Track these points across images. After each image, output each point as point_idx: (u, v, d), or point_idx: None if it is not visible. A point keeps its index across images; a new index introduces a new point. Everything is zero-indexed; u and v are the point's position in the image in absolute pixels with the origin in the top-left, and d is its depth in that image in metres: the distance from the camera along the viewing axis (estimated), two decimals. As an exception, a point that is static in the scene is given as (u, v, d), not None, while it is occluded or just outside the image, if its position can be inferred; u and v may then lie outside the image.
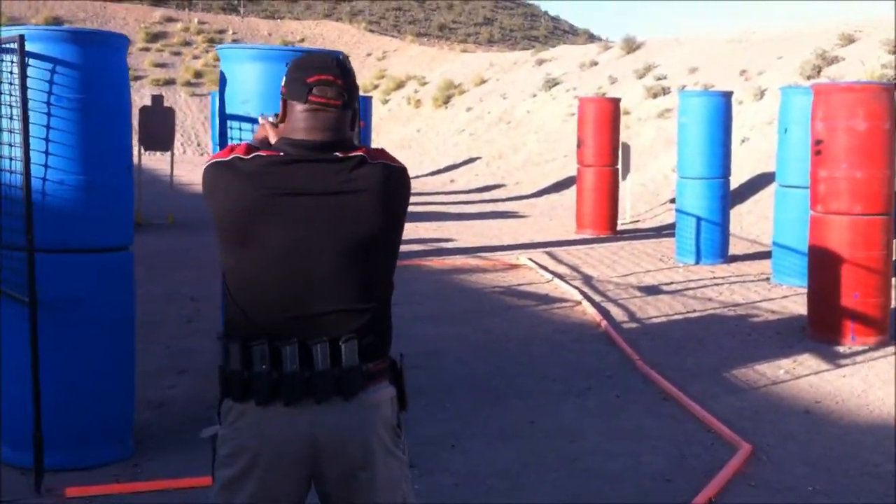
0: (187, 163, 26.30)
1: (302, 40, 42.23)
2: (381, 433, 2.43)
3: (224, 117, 4.99)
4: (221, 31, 41.48)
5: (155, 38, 38.85)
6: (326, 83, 2.41)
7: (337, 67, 2.46)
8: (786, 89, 10.75)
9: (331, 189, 2.38)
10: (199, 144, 32.30)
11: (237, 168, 2.39)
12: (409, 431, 5.50)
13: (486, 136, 25.59)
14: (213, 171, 2.44)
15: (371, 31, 48.12)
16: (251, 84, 4.86)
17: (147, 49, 37.28)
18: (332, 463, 2.39)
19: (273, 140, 2.61)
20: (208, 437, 2.47)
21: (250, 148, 2.46)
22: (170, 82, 35.48)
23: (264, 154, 2.41)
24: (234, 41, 40.73)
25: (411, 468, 4.77)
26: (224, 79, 5.00)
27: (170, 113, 14.23)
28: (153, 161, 23.20)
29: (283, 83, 2.48)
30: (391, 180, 2.44)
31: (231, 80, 4.95)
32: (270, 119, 2.70)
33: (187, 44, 39.61)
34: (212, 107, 19.79)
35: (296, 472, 2.41)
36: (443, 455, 5.03)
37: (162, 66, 37.02)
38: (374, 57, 41.26)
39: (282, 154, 2.41)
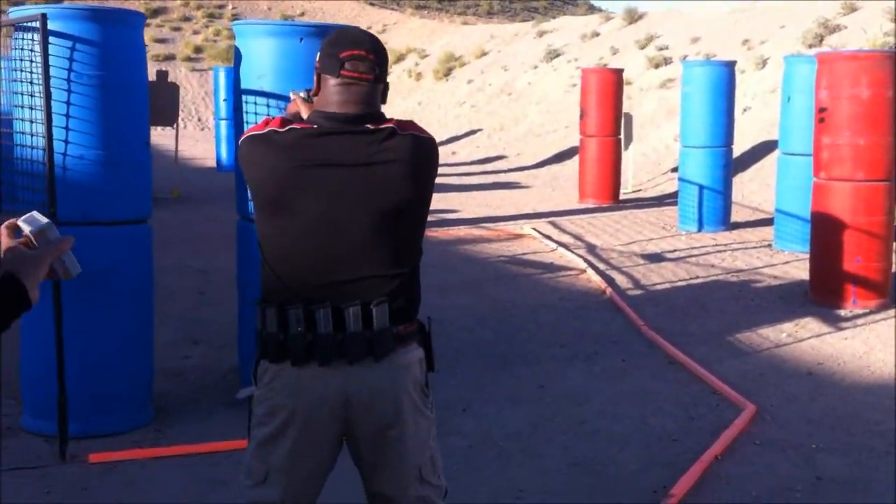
0: (188, 138, 26.37)
1: (302, 14, 42.13)
2: (411, 393, 2.54)
3: (239, 92, 5.07)
4: (221, 6, 41.36)
5: (155, 13, 38.74)
6: (358, 58, 2.49)
7: (369, 42, 2.55)
8: (789, 58, 10.81)
9: (362, 160, 2.47)
10: (199, 119, 32.32)
11: (273, 140, 2.48)
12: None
13: (488, 108, 25.59)
14: (250, 144, 2.53)
15: (371, 4, 47.93)
16: (266, 59, 4.93)
17: (147, 24, 37.14)
18: (363, 421, 2.51)
19: (305, 114, 2.71)
20: (244, 397, 2.59)
21: (285, 121, 2.56)
22: (170, 58, 35.44)
23: (298, 127, 2.50)
24: (234, 16, 40.62)
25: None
26: (239, 54, 5.07)
27: (174, 88, 14.29)
28: (156, 136, 23.23)
29: (317, 58, 2.56)
30: (420, 151, 2.54)
31: (246, 56, 5.02)
32: (302, 94, 2.80)
33: (187, 19, 39.54)
34: (214, 82, 19.82)
35: (329, 430, 2.52)
36: (455, 419, 5.16)
37: (162, 41, 36.97)
38: (374, 30, 41.13)
39: (315, 127, 2.49)
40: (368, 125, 2.50)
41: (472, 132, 24.14)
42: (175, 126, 14.94)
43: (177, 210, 13.02)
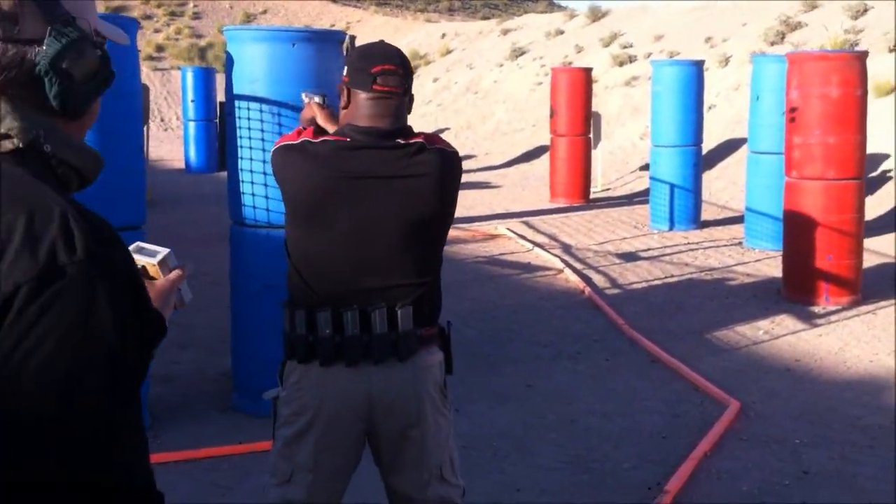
0: (152, 138, 26.15)
1: (264, 12, 41.93)
2: (432, 393, 2.64)
3: (231, 97, 5.12)
4: (182, 4, 41.05)
5: (115, 12, 38.37)
6: (389, 72, 2.58)
7: (398, 57, 2.64)
8: (757, 57, 11.01)
9: (394, 173, 2.57)
10: (162, 120, 32.08)
11: (307, 151, 2.57)
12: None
13: (454, 106, 25.68)
14: (283, 154, 2.61)
15: (333, 1, 47.79)
16: (259, 64, 4.98)
17: (107, 23, 36.73)
18: (387, 420, 2.59)
19: (321, 120, 2.80)
20: (270, 398, 2.67)
21: (317, 132, 2.64)
22: (132, 57, 35.11)
23: (332, 139, 2.59)
24: (195, 14, 40.37)
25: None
26: (231, 59, 5.11)
27: (145, 90, 14.21)
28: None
29: (345, 72, 2.64)
30: (447, 165, 2.65)
31: (238, 61, 5.06)
32: (317, 99, 2.87)
33: (148, 17, 39.18)
34: (182, 82, 19.73)
35: (353, 429, 2.61)
36: (448, 419, 5.24)
37: (123, 40, 36.57)
38: (337, 27, 40.99)
39: (349, 140, 2.58)
40: (399, 140, 2.60)
41: (440, 131, 24.21)
42: (146, 127, 14.85)
43: (150, 212, 12.94)
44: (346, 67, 2.65)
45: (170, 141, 25.69)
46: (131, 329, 1.23)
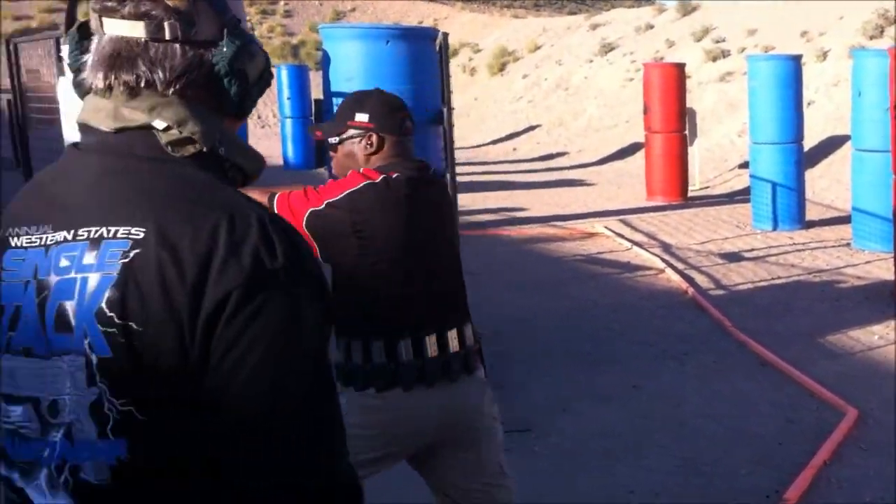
0: (249, 136, 26.60)
1: (353, 10, 42.35)
2: (488, 401, 2.85)
3: (329, 94, 5.20)
4: (273, 3, 41.68)
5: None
6: (409, 116, 2.84)
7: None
8: (857, 52, 10.68)
9: (439, 200, 2.86)
10: (259, 117, 32.58)
11: (391, 187, 2.68)
12: (520, 395, 5.71)
13: (545, 103, 25.55)
14: (374, 192, 2.67)
15: (421, -2, 47.97)
16: (354, 62, 5.06)
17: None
18: (454, 430, 2.76)
19: None
20: None
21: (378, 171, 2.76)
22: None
23: (398, 175, 2.71)
24: (286, 12, 40.97)
25: (528, 431, 5.01)
26: (328, 57, 5.22)
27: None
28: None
29: (366, 118, 2.75)
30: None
31: (335, 59, 5.16)
32: None
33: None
34: (277, 80, 20.02)
35: (412, 447, 2.79)
36: (555, 418, 5.23)
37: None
38: (425, 24, 41.18)
39: (409, 174, 2.74)
40: (426, 170, 2.85)
41: (531, 128, 24.13)
42: (245, 126, 15.15)
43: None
44: (366, 115, 2.76)
45: (267, 138, 26.07)
46: (324, 331, 1.25)
